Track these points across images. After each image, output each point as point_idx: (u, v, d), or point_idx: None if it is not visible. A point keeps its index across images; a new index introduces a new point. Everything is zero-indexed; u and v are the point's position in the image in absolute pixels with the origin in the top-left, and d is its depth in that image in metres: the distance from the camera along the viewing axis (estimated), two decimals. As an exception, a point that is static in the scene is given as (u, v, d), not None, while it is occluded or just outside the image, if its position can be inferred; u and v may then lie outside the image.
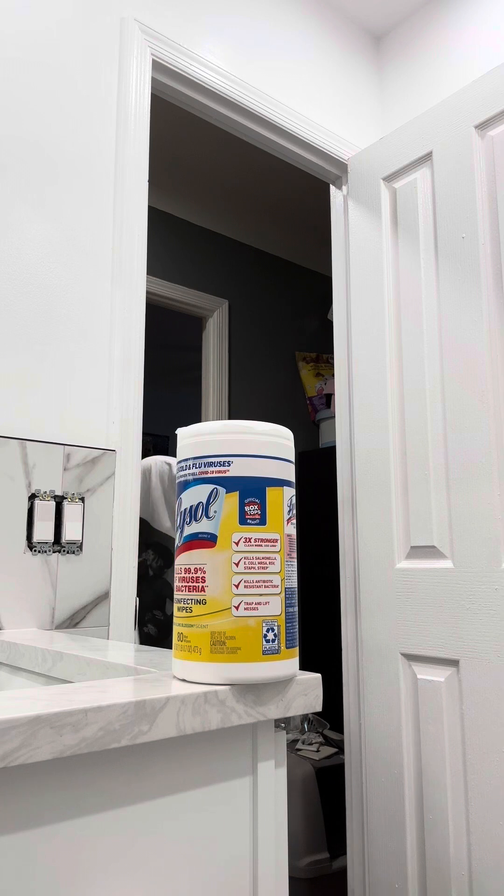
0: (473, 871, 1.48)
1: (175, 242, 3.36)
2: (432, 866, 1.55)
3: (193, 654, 0.68)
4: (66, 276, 1.41)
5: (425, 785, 1.59)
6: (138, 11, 1.62)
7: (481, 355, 1.59)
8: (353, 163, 2.02)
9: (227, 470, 0.70)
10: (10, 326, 1.31)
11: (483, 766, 1.48)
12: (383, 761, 1.69)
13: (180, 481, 0.73)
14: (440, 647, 1.59)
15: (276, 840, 0.72)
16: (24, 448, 1.28)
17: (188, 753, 0.67)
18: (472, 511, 1.57)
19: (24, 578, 1.25)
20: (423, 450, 1.69)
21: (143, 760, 0.64)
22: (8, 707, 0.57)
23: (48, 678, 0.94)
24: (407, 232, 1.82)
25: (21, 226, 1.36)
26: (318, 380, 3.76)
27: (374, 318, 1.87)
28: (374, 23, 2.20)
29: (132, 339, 1.48)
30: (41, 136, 1.41)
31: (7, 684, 1.04)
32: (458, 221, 1.69)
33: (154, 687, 0.67)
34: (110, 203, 1.50)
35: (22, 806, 0.57)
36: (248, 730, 0.72)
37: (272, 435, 0.72)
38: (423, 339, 1.73)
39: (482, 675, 1.51)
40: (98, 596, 1.34)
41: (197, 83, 1.71)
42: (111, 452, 1.40)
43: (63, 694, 0.63)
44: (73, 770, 0.60)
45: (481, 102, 1.68)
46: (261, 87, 1.86)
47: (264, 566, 0.69)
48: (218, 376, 3.40)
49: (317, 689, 0.74)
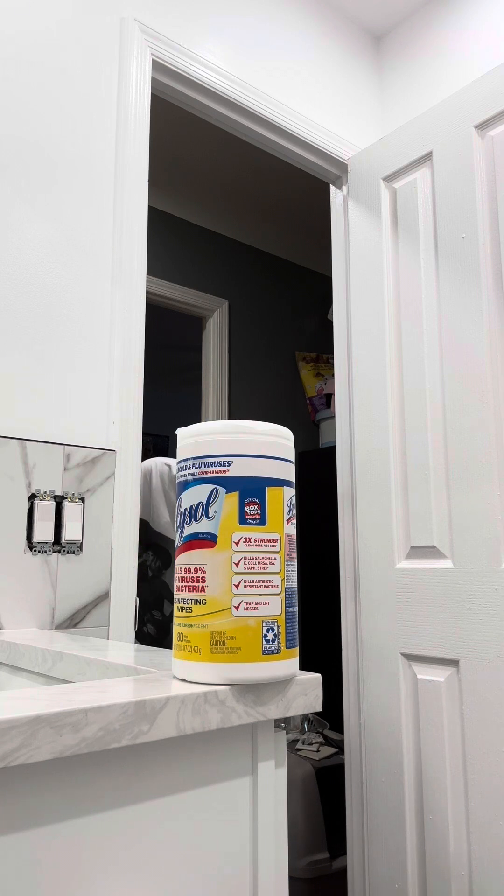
0: (473, 871, 1.48)
1: (175, 242, 3.36)
2: (432, 866, 1.55)
3: (193, 654, 0.68)
4: (66, 276, 1.41)
5: (425, 785, 1.59)
6: (138, 11, 1.63)
7: (481, 355, 1.59)
8: (353, 163, 2.02)
9: (227, 470, 0.70)
10: (10, 326, 1.31)
11: (483, 765, 1.48)
12: (383, 761, 1.69)
13: (180, 481, 0.73)
14: (440, 647, 1.59)
15: (276, 840, 0.72)
16: (24, 448, 1.28)
17: (188, 753, 0.67)
18: (472, 511, 1.57)
19: (24, 578, 1.25)
20: (423, 450, 1.69)
21: (143, 760, 0.64)
22: (8, 707, 0.57)
23: (48, 678, 0.94)
24: (407, 232, 1.82)
25: (21, 226, 1.36)
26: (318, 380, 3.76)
27: (374, 318, 1.87)
28: (374, 23, 2.20)
29: (132, 339, 1.48)
30: (41, 136, 1.41)
31: (7, 684, 1.04)
32: (458, 221, 1.69)
33: (154, 687, 0.67)
34: (110, 203, 1.50)
35: (22, 806, 0.57)
36: (248, 730, 0.72)
37: (272, 435, 0.72)
38: (423, 339, 1.73)
39: (482, 675, 1.51)
40: (98, 596, 1.34)
41: (197, 83, 1.71)
42: (111, 452, 1.40)
43: (63, 694, 0.63)
44: (73, 770, 0.60)
45: (481, 102, 1.68)
46: (261, 87, 1.86)
47: (264, 566, 0.69)
48: (218, 376, 3.40)
49: (317, 689, 0.74)
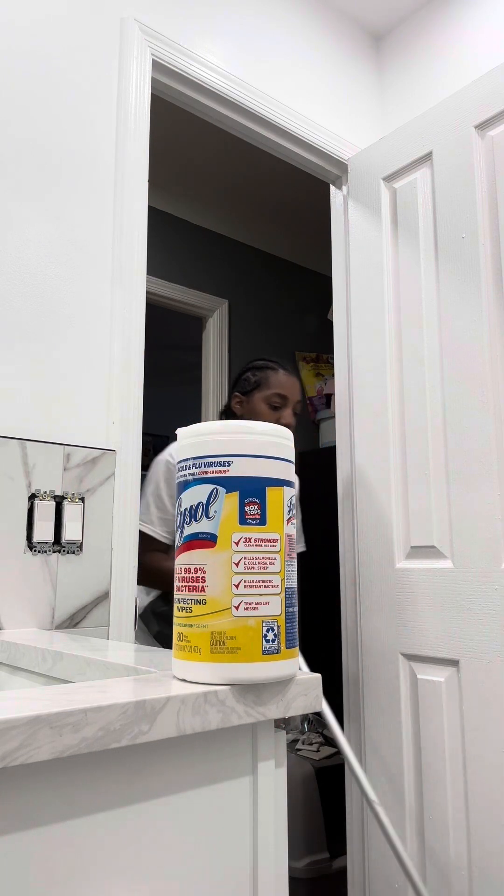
0: (473, 871, 1.48)
1: (175, 242, 3.36)
2: (432, 866, 1.55)
3: (193, 654, 0.68)
4: (66, 276, 1.41)
5: (425, 785, 1.59)
6: (138, 11, 1.62)
7: (481, 355, 1.59)
8: (353, 163, 2.02)
9: (227, 470, 0.70)
10: (10, 326, 1.31)
11: (483, 765, 1.48)
12: (383, 761, 1.69)
13: (180, 481, 0.73)
14: (440, 647, 1.59)
15: (276, 840, 0.72)
16: (24, 448, 1.28)
17: (188, 753, 0.67)
18: (472, 511, 1.57)
19: (24, 578, 1.25)
20: (423, 450, 1.69)
21: (143, 760, 0.64)
22: (8, 707, 0.57)
23: (48, 678, 0.94)
24: (407, 232, 1.82)
25: (21, 226, 1.36)
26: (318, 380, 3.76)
27: (374, 318, 1.87)
28: (374, 23, 2.20)
29: (132, 339, 1.48)
30: (41, 136, 1.41)
31: (7, 684, 1.04)
32: (458, 221, 1.69)
33: (154, 687, 0.67)
34: (110, 203, 1.50)
35: (22, 806, 0.57)
36: (248, 730, 0.72)
37: (272, 435, 0.72)
38: (423, 339, 1.73)
39: (482, 675, 1.51)
40: (98, 596, 1.34)
41: (197, 83, 1.71)
42: (111, 452, 1.40)
43: (63, 694, 0.63)
44: (73, 770, 0.60)
45: (481, 102, 1.68)
46: (261, 87, 1.86)
47: (264, 566, 0.69)
48: (218, 376, 3.40)
49: (317, 689, 0.74)
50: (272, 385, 1.83)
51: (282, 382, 1.84)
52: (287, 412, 1.84)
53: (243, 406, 1.87)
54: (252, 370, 1.89)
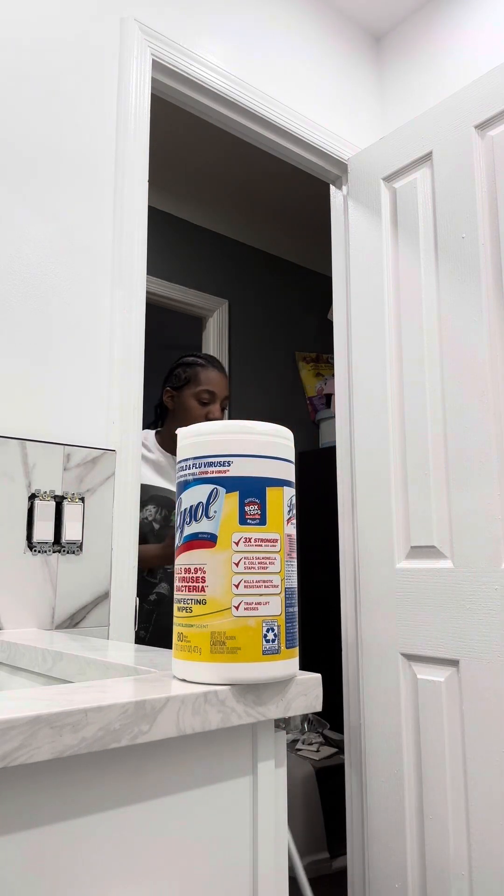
0: (473, 871, 1.48)
1: (175, 242, 3.36)
2: (432, 866, 1.55)
3: (193, 654, 0.68)
4: (66, 276, 1.41)
5: (425, 785, 1.59)
6: (138, 11, 1.62)
7: (481, 355, 1.59)
8: (353, 163, 2.02)
9: (227, 470, 0.70)
10: (9, 326, 1.31)
11: (483, 766, 1.48)
12: (383, 761, 1.69)
13: (180, 481, 0.73)
14: (440, 647, 1.59)
15: (276, 840, 0.72)
16: (24, 448, 1.28)
17: (188, 753, 0.67)
18: (472, 511, 1.57)
19: (24, 578, 1.25)
20: (423, 450, 1.69)
21: (143, 760, 0.64)
22: (8, 707, 0.57)
23: (48, 678, 0.94)
24: (407, 232, 1.82)
25: (21, 226, 1.36)
26: (318, 380, 3.76)
27: (375, 318, 1.87)
28: (374, 23, 2.20)
29: (132, 339, 1.48)
30: (41, 136, 1.41)
31: (7, 684, 1.04)
32: (458, 221, 1.69)
33: (154, 687, 0.67)
34: (110, 203, 1.50)
35: (22, 806, 0.57)
36: (248, 730, 0.72)
37: (272, 435, 0.72)
38: (423, 339, 1.73)
39: (482, 675, 1.51)
40: (98, 596, 1.34)
41: (197, 83, 1.71)
42: (111, 452, 1.40)
43: (63, 694, 0.63)
44: (73, 770, 0.60)
45: (481, 102, 1.68)
46: (261, 87, 1.86)
47: (264, 566, 0.69)
48: (218, 376, 3.39)
49: (317, 689, 0.74)
50: (201, 381, 1.90)
51: (210, 379, 1.91)
52: (215, 407, 1.92)
53: (174, 400, 1.94)
54: (182, 366, 1.96)
